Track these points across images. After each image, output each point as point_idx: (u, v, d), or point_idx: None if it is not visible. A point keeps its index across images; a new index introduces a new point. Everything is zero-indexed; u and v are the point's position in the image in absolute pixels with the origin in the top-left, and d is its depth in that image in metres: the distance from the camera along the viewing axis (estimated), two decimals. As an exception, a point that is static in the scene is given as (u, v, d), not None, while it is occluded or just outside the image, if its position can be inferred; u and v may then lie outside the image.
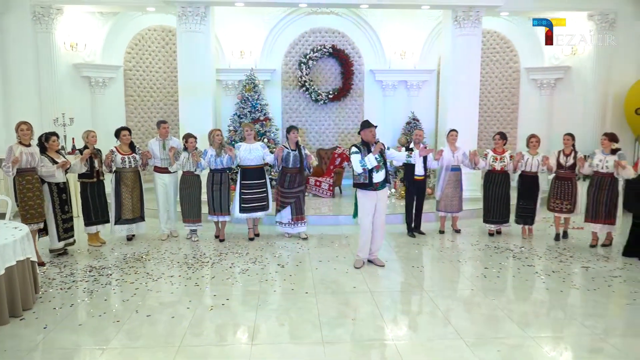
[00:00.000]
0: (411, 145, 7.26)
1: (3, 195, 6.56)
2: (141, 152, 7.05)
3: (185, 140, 7.06)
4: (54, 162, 6.11)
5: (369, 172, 5.66)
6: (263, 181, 7.15)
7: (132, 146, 7.01)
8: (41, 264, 5.79)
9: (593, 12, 9.47)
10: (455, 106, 9.14)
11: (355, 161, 5.69)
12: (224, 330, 4.32)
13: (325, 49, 10.71)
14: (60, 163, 6.13)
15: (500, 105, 11.12)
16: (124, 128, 7.04)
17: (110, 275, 5.66)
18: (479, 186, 7.58)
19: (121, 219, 6.90)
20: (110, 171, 6.84)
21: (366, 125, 5.81)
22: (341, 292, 5.19)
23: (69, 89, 9.34)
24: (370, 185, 5.70)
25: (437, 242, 7.14)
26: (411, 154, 6.49)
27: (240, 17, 10.18)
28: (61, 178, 6.23)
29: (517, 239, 7.24)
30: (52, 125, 8.57)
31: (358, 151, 5.70)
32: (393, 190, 9.41)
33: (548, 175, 7.19)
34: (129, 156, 6.88)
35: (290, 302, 4.90)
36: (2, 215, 5.80)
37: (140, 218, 7.07)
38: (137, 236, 7.24)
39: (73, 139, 8.64)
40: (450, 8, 9.01)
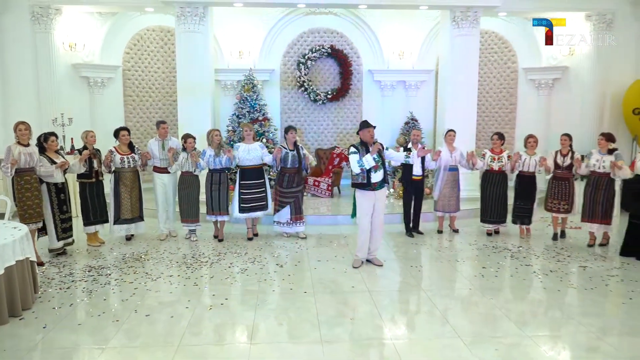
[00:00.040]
0: (409, 145, 7.28)
1: (2, 195, 6.56)
2: (141, 153, 7.06)
3: (184, 140, 7.08)
4: (53, 162, 6.11)
5: (367, 172, 5.68)
6: (262, 181, 7.17)
7: (131, 146, 7.02)
8: (40, 264, 5.80)
9: (591, 13, 9.51)
10: (453, 106, 9.18)
11: (353, 161, 5.71)
12: (223, 329, 4.34)
13: (323, 49, 10.73)
14: (59, 163, 6.14)
15: (498, 105, 11.15)
16: (123, 128, 7.06)
17: (109, 275, 5.67)
18: (477, 186, 7.60)
19: (120, 219, 6.91)
20: (109, 171, 6.85)
21: (365, 125, 5.83)
22: (340, 292, 5.21)
23: (68, 89, 9.35)
24: (368, 185, 5.72)
25: (435, 242, 7.16)
26: (409, 154, 6.51)
27: (238, 18, 10.20)
28: (60, 178, 6.23)
29: (515, 239, 7.26)
30: (51, 125, 8.58)
31: (356, 151, 5.71)
32: (391, 190, 9.43)
33: (546, 175, 7.21)
34: (128, 156, 6.89)
35: (289, 302, 4.92)
36: (1, 215, 5.80)
37: (139, 218, 7.08)
38: (136, 236, 7.25)
39: (72, 139, 8.65)
40: (448, 8, 9.04)
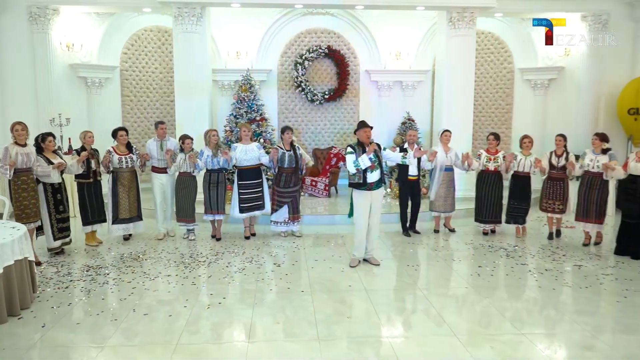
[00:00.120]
0: (405, 145, 7.32)
1: (0, 195, 6.58)
2: (140, 154, 7.08)
3: (181, 141, 7.10)
4: (50, 163, 6.13)
5: (364, 172, 5.72)
6: (259, 181, 7.20)
7: (129, 146, 7.04)
8: (38, 264, 5.82)
9: (586, 14, 9.56)
10: (450, 106, 9.21)
11: (349, 161, 5.75)
12: (221, 328, 4.37)
13: (320, 50, 10.75)
14: (56, 164, 6.15)
15: (494, 105, 11.20)
16: (121, 128, 7.08)
17: (107, 274, 5.69)
18: (473, 186, 7.64)
19: (118, 219, 6.93)
20: (107, 171, 6.86)
21: (361, 125, 5.87)
22: (337, 291, 5.25)
23: (66, 90, 9.34)
24: (364, 185, 5.76)
25: (432, 241, 7.20)
26: (406, 155, 6.54)
27: (236, 18, 10.21)
28: (57, 178, 6.24)
29: (511, 238, 7.31)
30: (49, 125, 8.58)
31: (353, 151, 5.75)
32: (388, 190, 9.47)
33: (542, 176, 7.26)
34: (126, 156, 6.90)
35: (286, 301, 4.95)
36: (0, 215, 5.82)
37: (137, 217, 7.10)
38: (134, 236, 7.27)
39: (69, 139, 8.67)
40: (444, 9, 9.07)
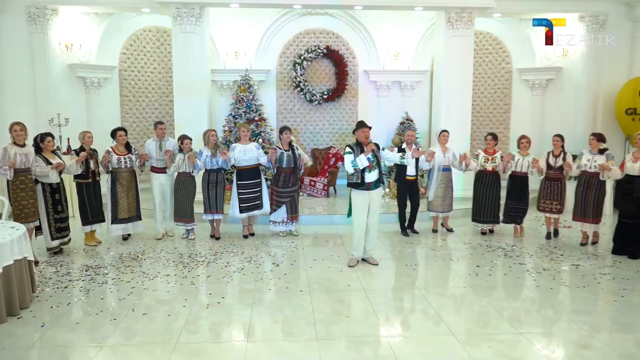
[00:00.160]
0: (403, 146, 7.34)
1: (-1, 195, 6.58)
2: (139, 154, 7.09)
3: (180, 141, 7.11)
4: (49, 163, 6.14)
5: (361, 172, 5.73)
6: (258, 180, 7.23)
7: (128, 146, 7.05)
8: (35, 263, 5.81)
9: (584, 14, 9.60)
10: (448, 106, 9.23)
11: (347, 161, 5.76)
12: (220, 327, 4.39)
13: (319, 50, 10.77)
14: (54, 164, 6.16)
15: (493, 105, 11.22)
16: (120, 128, 7.09)
17: (106, 274, 5.70)
18: (472, 186, 7.66)
19: (117, 219, 6.94)
20: (107, 171, 6.88)
21: (360, 125, 5.89)
22: (335, 290, 5.26)
23: (64, 90, 9.34)
24: (362, 185, 5.78)
25: (430, 241, 7.22)
26: (404, 155, 6.56)
27: (235, 18, 10.22)
28: (55, 179, 6.25)
29: (509, 238, 7.33)
30: (48, 125, 8.59)
31: (351, 151, 5.77)
32: (387, 190, 9.49)
33: (539, 176, 7.28)
34: (125, 156, 6.91)
35: (285, 300, 4.97)
36: (-1, 215, 5.83)
37: (136, 217, 7.11)
38: (133, 235, 7.28)
39: (68, 139, 8.67)
40: (443, 9, 9.10)
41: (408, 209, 7.56)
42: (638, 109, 9.21)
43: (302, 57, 10.70)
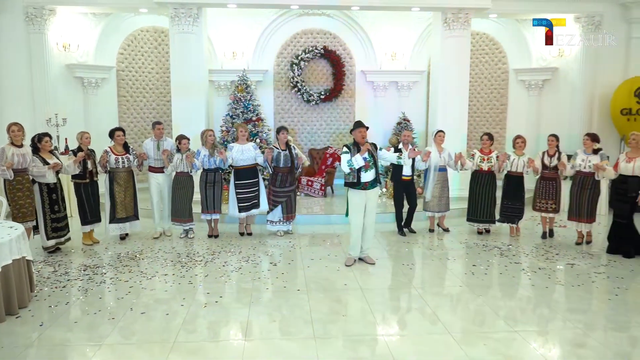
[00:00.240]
0: (399, 146, 7.37)
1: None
2: (137, 154, 7.11)
3: (178, 141, 7.14)
4: (46, 163, 6.15)
5: (357, 172, 5.76)
6: (256, 180, 7.26)
7: (126, 146, 7.07)
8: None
9: (580, 15, 9.65)
10: (445, 107, 9.28)
11: (343, 161, 5.80)
12: (218, 326, 4.41)
13: (316, 50, 10.80)
14: (51, 165, 6.17)
15: (489, 105, 11.27)
16: (118, 129, 7.11)
17: (104, 273, 5.72)
18: (467, 185, 7.70)
19: (115, 218, 6.95)
20: (105, 171, 6.89)
21: (357, 125, 5.91)
22: (332, 290, 5.29)
23: (62, 90, 9.35)
24: (359, 184, 5.81)
25: (427, 241, 7.26)
26: (401, 156, 6.60)
27: (232, 19, 10.24)
28: (52, 179, 6.26)
29: (505, 237, 7.38)
30: (45, 125, 8.58)
31: (348, 151, 5.80)
32: (384, 189, 9.52)
33: (535, 175, 7.33)
34: (123, 156, 6.93)
35: (282, 300, 4.99)
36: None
37: (134, 217, 7.13)
38: (131, 235, 7.29)
39: (66, 140, 8.68)
40: (439, 10, 9.14)
41: (405, 209, 7.59)
42: (633, 109, 9.28)
43: (300, 58, 10.73)
